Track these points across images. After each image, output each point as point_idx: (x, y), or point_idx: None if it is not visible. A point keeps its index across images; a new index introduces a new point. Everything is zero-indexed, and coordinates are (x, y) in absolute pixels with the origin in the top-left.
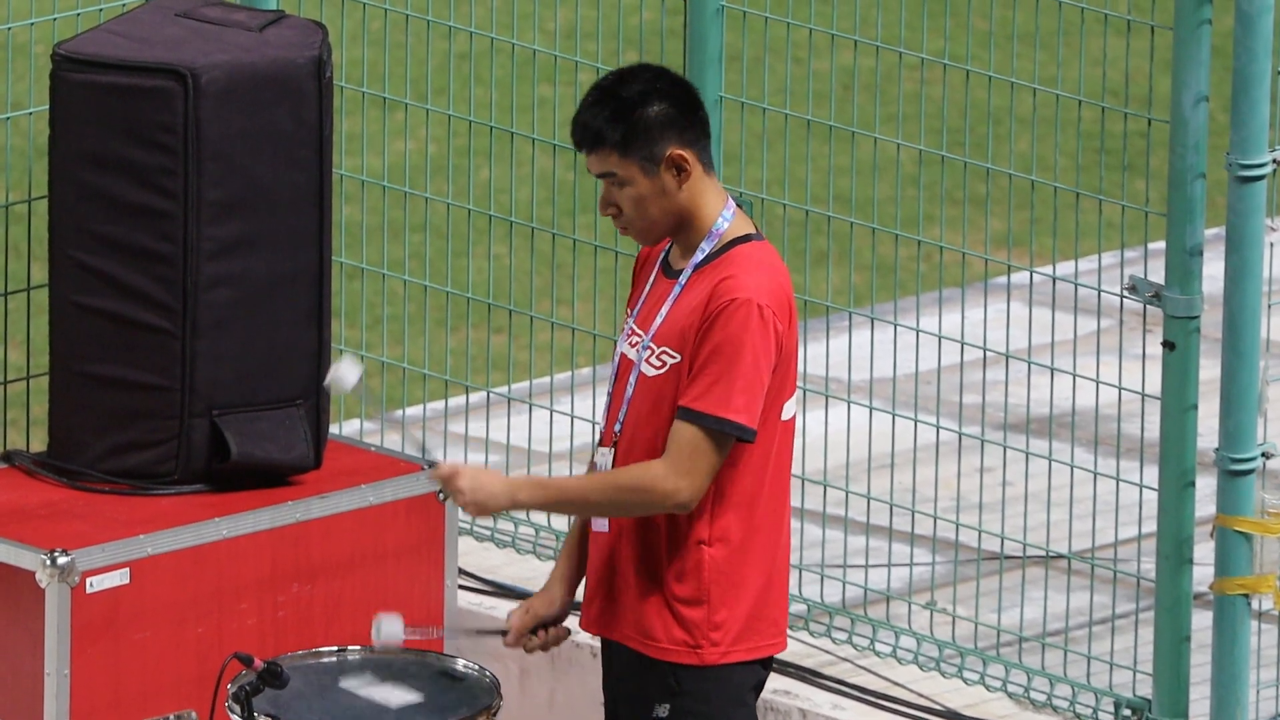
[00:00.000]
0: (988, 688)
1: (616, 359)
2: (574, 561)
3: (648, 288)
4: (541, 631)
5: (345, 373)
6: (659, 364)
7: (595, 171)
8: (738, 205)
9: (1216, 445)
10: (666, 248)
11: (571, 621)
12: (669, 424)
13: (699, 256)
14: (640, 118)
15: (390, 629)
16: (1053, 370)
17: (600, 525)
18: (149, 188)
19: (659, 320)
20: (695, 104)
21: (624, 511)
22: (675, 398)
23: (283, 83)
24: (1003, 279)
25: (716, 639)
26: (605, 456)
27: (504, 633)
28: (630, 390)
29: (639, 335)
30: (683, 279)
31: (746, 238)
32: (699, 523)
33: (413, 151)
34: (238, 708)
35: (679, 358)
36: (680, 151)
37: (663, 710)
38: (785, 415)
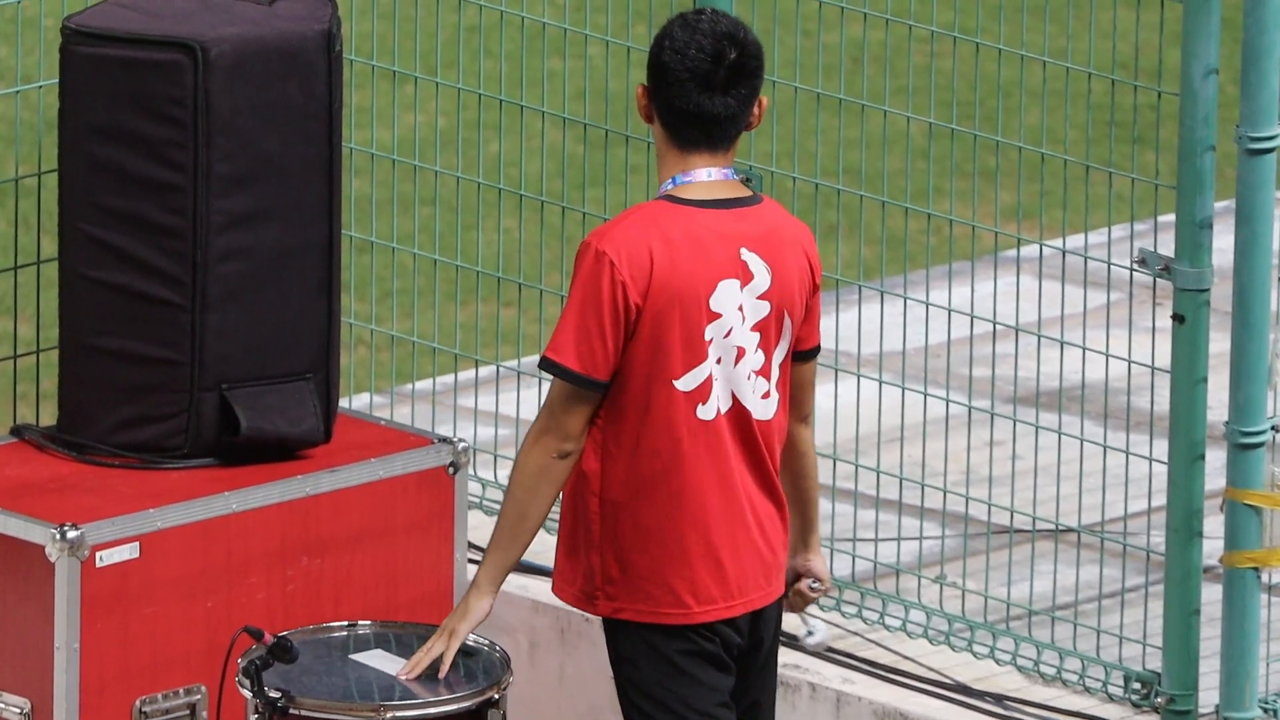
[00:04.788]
0: (997, 661)
1: None
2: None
3: None
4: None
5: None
6: None
7: None
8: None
9: (1226, 418)
10: None
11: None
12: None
13: None
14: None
15: None
16: (1062, 344)
17: None
18: (158, 161)
19: None
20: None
21: (540, 487)
22: None
23: (292, 56)
24: (1012, 252)
25: (612, 593)
26: None
27: None
28: None
29: None
30: None
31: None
32: (592, 474)
33: (422, 125)
34: (248, 682)
35: None
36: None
37: (615, 673)
38: (682, 387)
